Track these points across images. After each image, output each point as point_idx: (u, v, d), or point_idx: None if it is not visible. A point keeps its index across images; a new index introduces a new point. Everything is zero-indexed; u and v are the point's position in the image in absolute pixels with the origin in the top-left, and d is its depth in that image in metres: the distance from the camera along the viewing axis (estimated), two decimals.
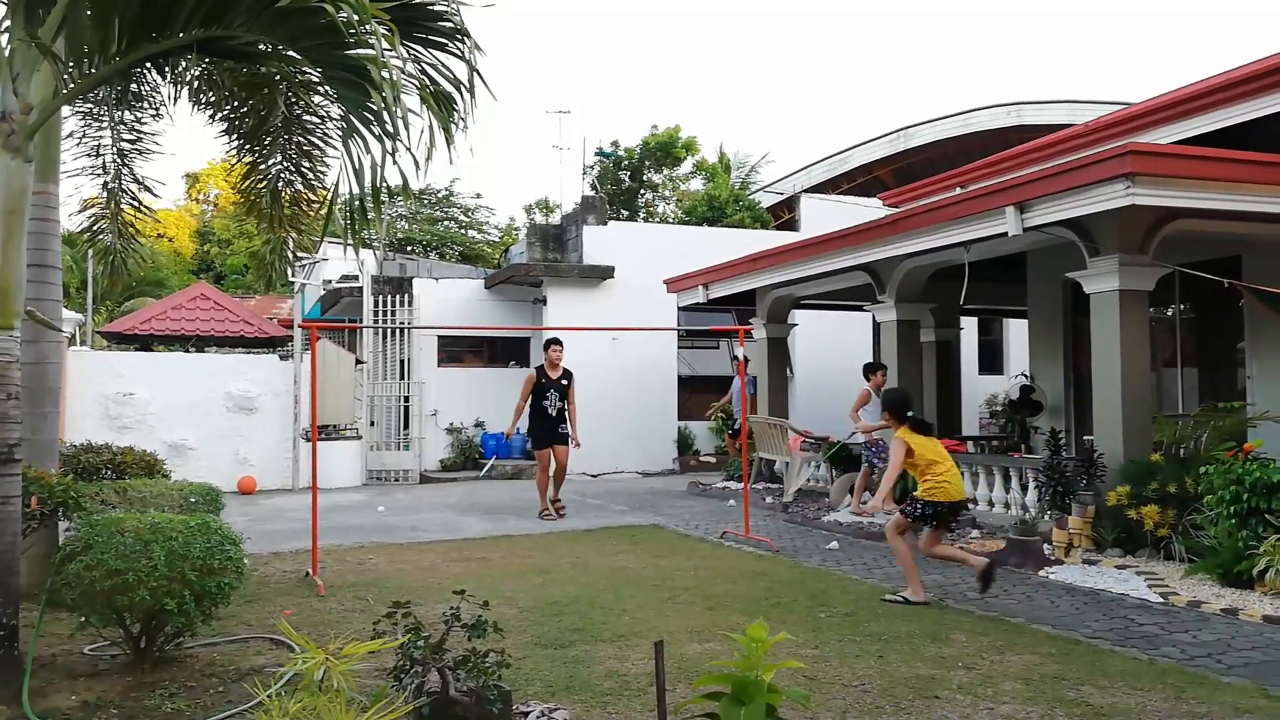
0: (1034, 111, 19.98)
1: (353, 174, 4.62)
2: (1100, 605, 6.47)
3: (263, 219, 8.51)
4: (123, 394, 13.84)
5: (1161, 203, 7.61)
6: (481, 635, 4.02)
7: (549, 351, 11.12)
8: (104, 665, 5.05)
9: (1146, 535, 7.70)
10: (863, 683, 4.79)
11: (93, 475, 7.55)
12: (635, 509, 11.86)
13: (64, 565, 4.70)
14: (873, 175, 24.08)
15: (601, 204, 17.91)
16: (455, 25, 5.10)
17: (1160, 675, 4.88)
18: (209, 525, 4.99)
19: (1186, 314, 11.19)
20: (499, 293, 17.65)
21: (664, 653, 3.49)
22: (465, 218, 33.58)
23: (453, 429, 16.70)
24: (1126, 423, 8.21)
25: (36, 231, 6.07)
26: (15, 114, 4.60)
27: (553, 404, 11.02)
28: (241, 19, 4.51)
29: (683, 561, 8.19)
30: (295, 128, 7.79)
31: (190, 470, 12.15)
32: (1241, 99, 9.34)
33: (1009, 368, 18.93)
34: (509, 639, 5.08)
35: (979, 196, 9.05)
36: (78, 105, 7.96)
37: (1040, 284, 12.64)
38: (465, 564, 8.16)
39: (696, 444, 17.36)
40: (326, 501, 10.92)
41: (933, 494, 6.69)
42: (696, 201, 23.76)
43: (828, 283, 12.54)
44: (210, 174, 41.37)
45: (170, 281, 32.13)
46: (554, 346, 11.16)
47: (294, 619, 5.98)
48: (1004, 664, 5.08)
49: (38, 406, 6.58)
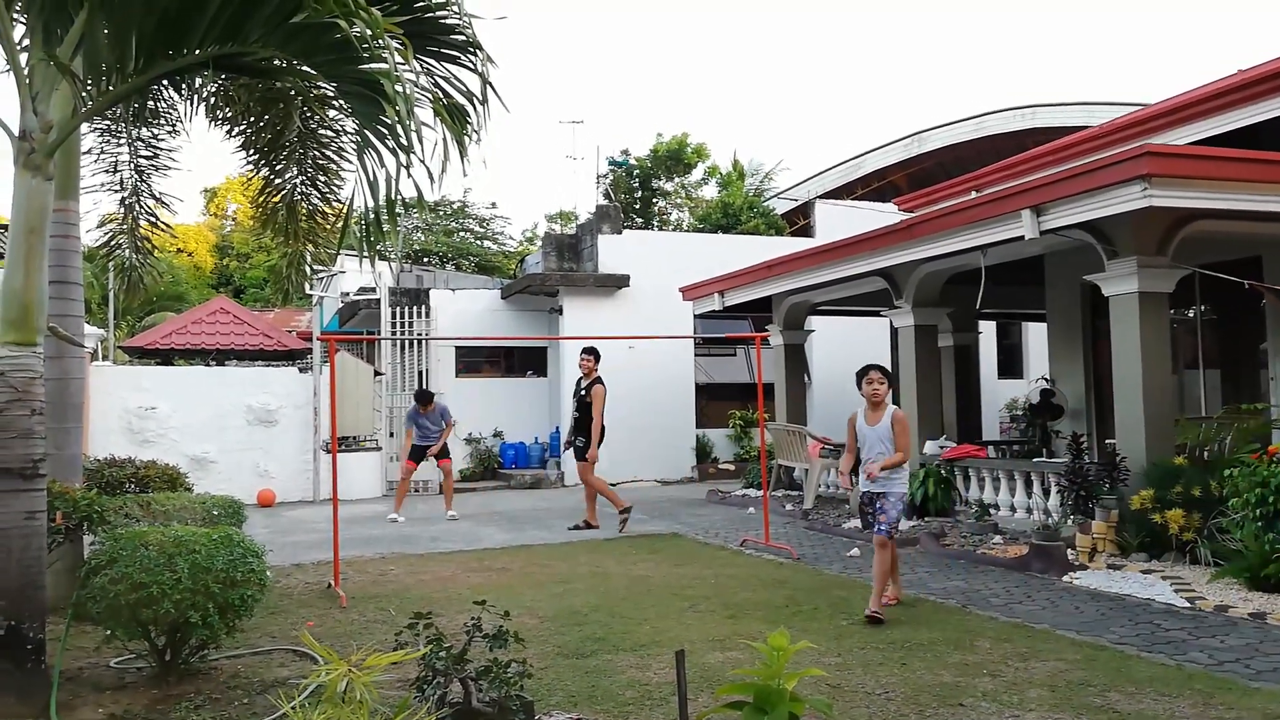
0: (1048, 114, 19.86)
1: (368, 187, 4.65)
2: (1126, 610, 6.41)
3: (279, 233, 8.57)
4: (145, 408, 13.96)
5: (1179, 204, 7.55)
6: (503, 645, 4.03)
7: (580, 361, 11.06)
8: (130, 678, 5.08)
9: (1171, 539, 7.62)
10: (886, 691, 4.76)
11: (116, 489, 7.61)
12: (654, 517, 11.84)
13: (89, 579, 4.74)
14: (887, 180, 24.01)
15: (616, 213, 17.95)
16: (468, 38, 5.13)
17: (1188, 681, 4.82)
18: (232, 538, 5.02)
19: (1207, 315, 11.09)
20: (515, 303, 17.71)
21: (685, 662, 3.48)
22: (481, 228, 33.73)
23: (471, 439, 16.74)
24: (1149, 425, 8.13)
25: (57, 248, 6.15)
26: (35, 133, 4.66)
27: (572, 414, 11.00)
28: (257, 35, 4.55)
29: (702, 570, 8.17)
30: (310, 142, 7.85)
31: (212, 483, 12.23)
32: (1257, 99, 9.29)
33: (1029, 372, 18.80)
34: (530, 649, 5.09)
35: (995, 200, 9.01)
36: (95, 122, 8.05)
37: (1058, 287, 12.56)
38: (485, 574, 8.17)
39: (715, 452, 17.32)
40: (347, 513, 10.97)
41: None
42: (710, 209, 23.79)
43: (844, 289, 12.50)
44: (228, 188, 41.73)
45: (190, 296, 32.40)
46: (583, 356, 11.02)
47: (316, 630, 6.00)
48: (1029, 671, 5.04)
49: (61, 422, 6.64)
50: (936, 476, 10.59)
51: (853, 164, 24.60)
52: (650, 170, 25.86)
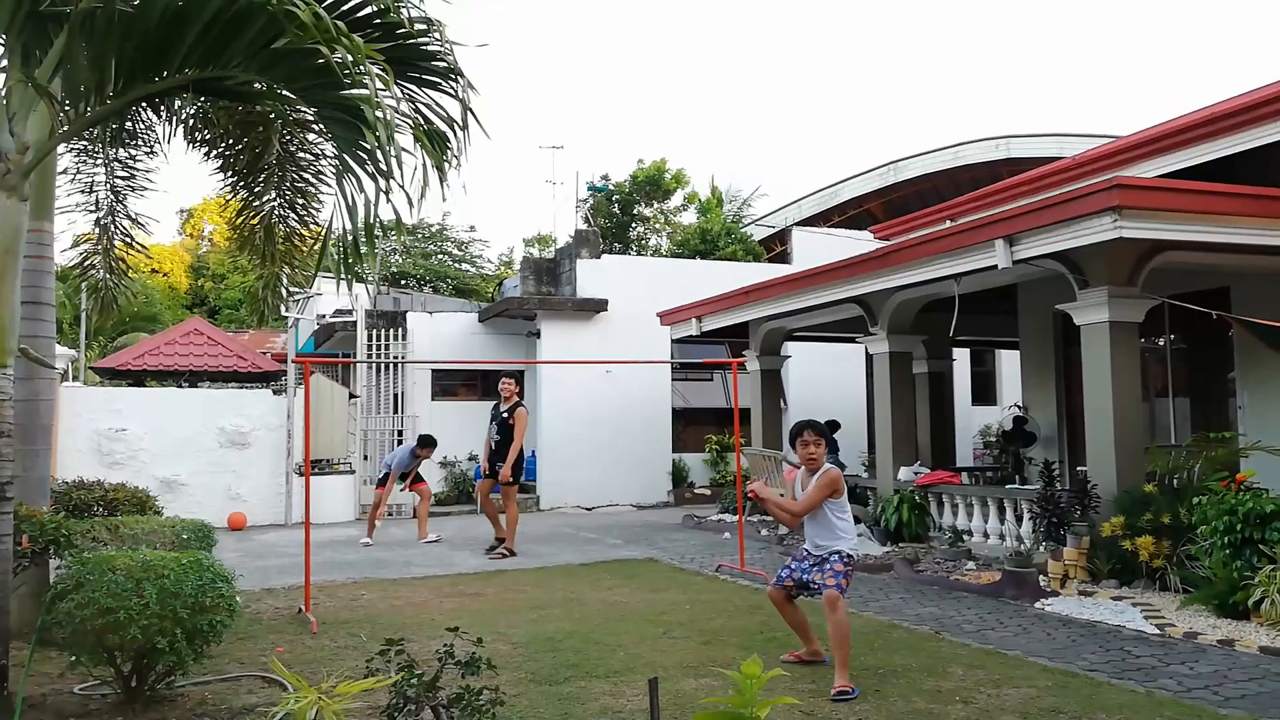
0: (1022, 145, 20.17)
1: (346, 211, 4.66)
2: (1097, 637, 6.45)
3: (256, 254, 8.53)
4: (115, 430, 13.79)
5: (1149, 235, 7.68)
6: (475, 672, 4.00)
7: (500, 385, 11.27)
8: (94, 705, 5.00)
9: (1141, 566, 7.69)
10: (860, 718, 4.77)
11: (84, 512, 7.51)
12: (630, 542, 11.81)
13: (55, 604, 4.67)
14: (863, 208, 24.25)
15: (595, 237, 18.01)
16: (449, 65, 5.16)
17: (1158, 708, 4.86)
18: (201, 562, 4.96)
19: (1177, 344, 11.26)
20: (493, 326, 17.68)
21: (659, 689, 3.47)
22: (459, 251, 33.72)
23: (446, 463, 16.65)
24: (1119, 453, 8.23)
25: (31, 269, 6.09)
26: (11, 154, 4.64)
27: (492, 436, 11.03)
28: (238, 60, 4.56)
29: (677, 596, 8.16)
30: (289, 165, 7.84)
31: (182, 506, 12.07)
32: (1227, 132, 9.46)
33: (1002, 399, 18.94)
34: (503, 675, 5.05)
35: (969, 230, 9.13)
36: (72, 143, 8.00)
37: (1031, 315, 12.71)
38: (459, 599, 8.11)
39: (691, 476, 17.32)
40: (319, 537, 10.87)
41: None
42: (689, 234, 23.89)
43: (820, 315, 12.59)
44: (205, 209, 41.53)
45: (164, 316, 32.15)
46: (502, 379, 11.35)
47: (286, 657, 5.93)
48: (1001, 698, 5.06)
49: (29, 444, 6.56)
50: (910, 502, 10.64)
51: (830, 191, 24.84)
52: (629, 195, 25.98)
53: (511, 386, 11.17)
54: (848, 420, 17.30)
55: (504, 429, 10.92)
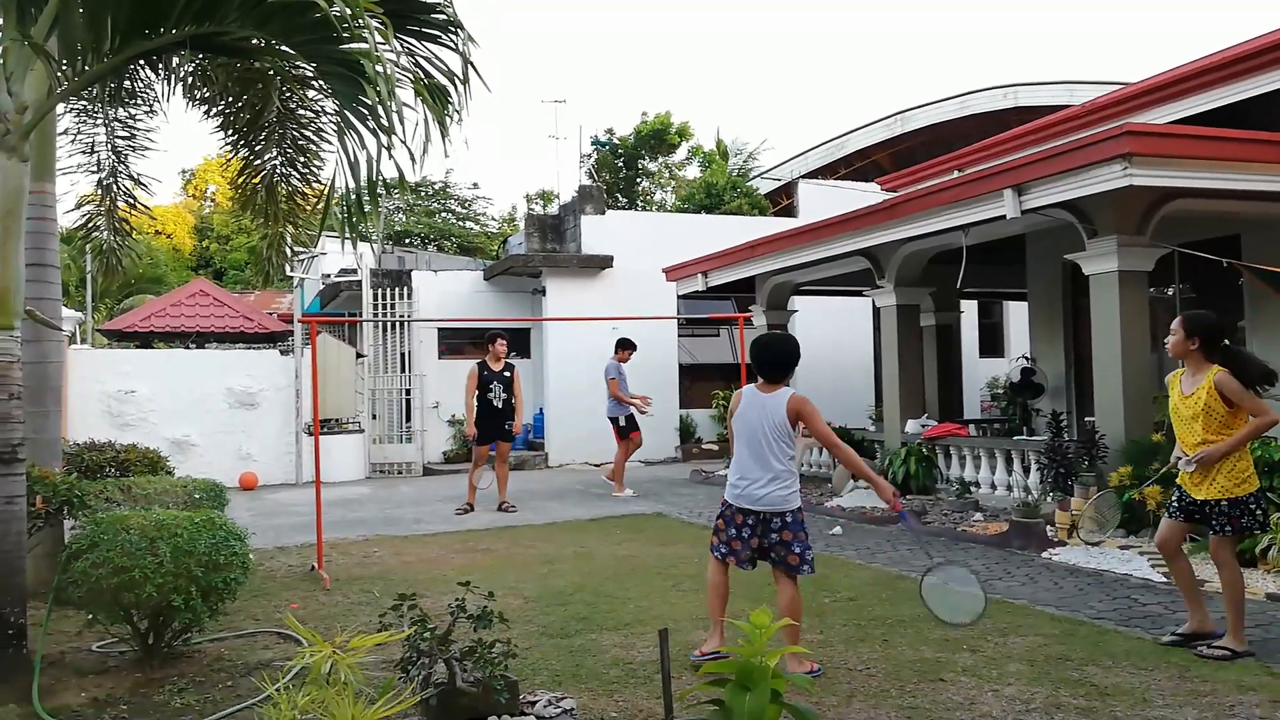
0: (1030, 93, 19.90)
1: (348, 169, 4.61)
2: (1103, 586, 6.49)
3: (259, 214, 8.51)
4: (124, 391, 13.85)
5: (1159, 183, 7.60)
6: (487, 626, 4.04)
7: (495, 345, 11.12)
8: (112, 662, 5.08)
9: (1149, 515, 7.71)
10: (868, 667, 4.81)
11: (96, 473, 7.56)
12: (638, 497, 11.88)
13: (70, 563, 4.71)
14: (870, 160, 24.03)
15: (599, 193, 17.89)
16: (449, 17, 5.08)
17: (1164, 654, 4.90)
18: (214, 521, 5.00)
19: (1186, 293, 11.17)
20: (498, 284, 17.64)
21: (669, 640, 3.50)
22: (463, 209, 33.55)
23: (454, 421, 16.71)
24: (1127, 403, 8.21)
25: (34, 231, 6.08)
26: (10, 114, 4.59)
27: (497, 396, 11.01)
28: (234, 15, 4.49)
29: (686, 549, 8.21)
30: (290, 122, 7.78)
31: (193, 466, 12.16)
32: (1238, 77, 9.31)
33: (1010, 350, 18.91)
34: (515, 629, 5.11)
35: (977, 180, 9.04)
36: (72, 103, 7.95)
37: (1039, 266, 12.62)
38: (470, 555, 8.18)
39: (698, 432, 17.36)
40: (330, 495, 10.95)
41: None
42: (694, 189, 23.73)
43: (827, 268, 12.53)
44: (207, 169, 41.33)
45: (169, 278, 32.13)
46: (499, 339, 11.21)
47: (300, 613, 6.00)
48: (1008, 646, 5.10)
49: (40, 405, 6.59)
50: (918, 455, 10.67)
51: (836, 143, 24.60)
52: (634, 150, 25.77)
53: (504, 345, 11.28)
54: (855, 374, 17.32)
55: (509, 388, 11.00)
